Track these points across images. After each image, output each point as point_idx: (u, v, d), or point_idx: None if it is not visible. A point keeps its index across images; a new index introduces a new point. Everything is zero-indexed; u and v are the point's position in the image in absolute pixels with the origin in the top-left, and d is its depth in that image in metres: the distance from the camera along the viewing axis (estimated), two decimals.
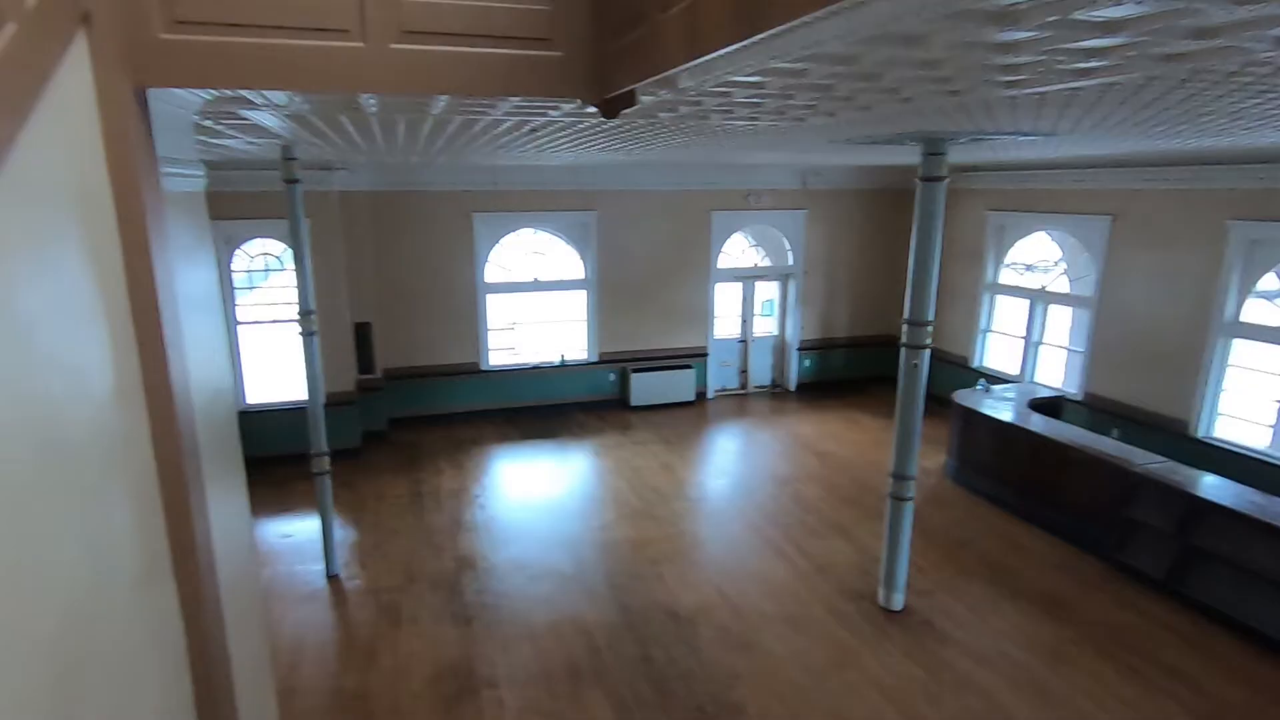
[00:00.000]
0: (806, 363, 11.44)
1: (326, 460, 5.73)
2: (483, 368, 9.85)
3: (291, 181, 5.06)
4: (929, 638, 5.22)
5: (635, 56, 1.60)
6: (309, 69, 1.48)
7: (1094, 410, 8.30)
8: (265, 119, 2.46)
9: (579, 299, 10.23)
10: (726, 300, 11.02)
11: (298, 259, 5.33)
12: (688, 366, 10.54)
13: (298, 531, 6.75)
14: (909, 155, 5.23)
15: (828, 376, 11.53)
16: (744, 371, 11.34)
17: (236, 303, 8.26)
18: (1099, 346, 8.31)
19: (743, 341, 11.26)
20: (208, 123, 2.58)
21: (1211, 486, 5.77)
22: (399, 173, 8.75)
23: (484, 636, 5.14)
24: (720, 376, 11.16)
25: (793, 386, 11.39)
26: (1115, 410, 8.11)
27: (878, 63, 2.00)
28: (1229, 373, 7.17)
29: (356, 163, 6.98)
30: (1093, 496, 6.37)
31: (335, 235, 8.25)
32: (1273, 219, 6.65)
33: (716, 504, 7.57)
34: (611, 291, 10.20)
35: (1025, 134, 4.42)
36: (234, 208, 7.67)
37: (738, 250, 10.95)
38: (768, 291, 11.30)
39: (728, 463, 8.85)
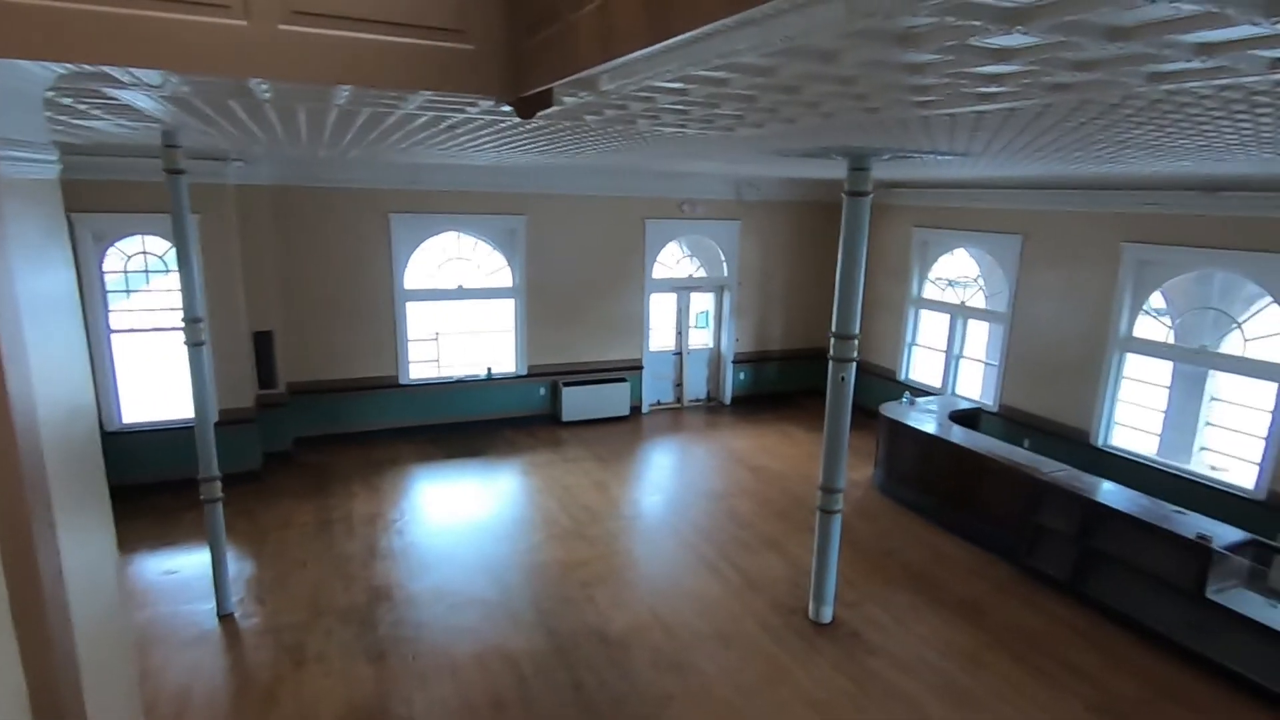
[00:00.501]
0: (741, 376, 11.58)
1: (218, 485, 5.31)
2: (402, 382, 9.49)
3: (175, 172, 4.66)
4: (857, 649, 5.32)
5: (550, 55, 1.54)
6: (182, 46, 1.34)
7: (1008, 421, 8.73)
8: (139, 100, 2.26)
9: (507, 308, 10.02)
10: (662, 311, 11.04)
11: (182, 259, 4.90)
12: (622, 380, 10.48)
13: (184, 566, 6.24)
14: (838, 169, 5.36)
15: (762, 389, 11.70)
16: (679, 385, 11.38)
17: (109, 308, 7.47)
18: (1012, 360, 8.76)
19: (678, 354, 11.30)
20: (67, 101, 2.35)
21: (1108, 492, 6.17)
22: (306, 166, 8.29)
23: (400, 672, 4.88)
24: (655, 390, 11.15)
25: (728, 400, 11.50)
26: (1027, 421, 8.55)
27: (796, 76, 2.03)
28: (1123, 385, 7.69)
29: (255, 154, 6.59)
30: (1006, 504, 6.68)
31: (230, 234, 7.70)
32: (1159, 242, 7.19)
33: (650, 521, 7.51)
34: (542, 301, 10.04)
35: (943, 153, 4.63)
36: (106, 199, 7.02)
37: (673, 260, 11.00)
38: (703, 303, 11.39)
39: (662, 479, 8.82)
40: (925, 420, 7.87)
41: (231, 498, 7.25)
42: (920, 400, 8.62)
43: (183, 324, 4.98)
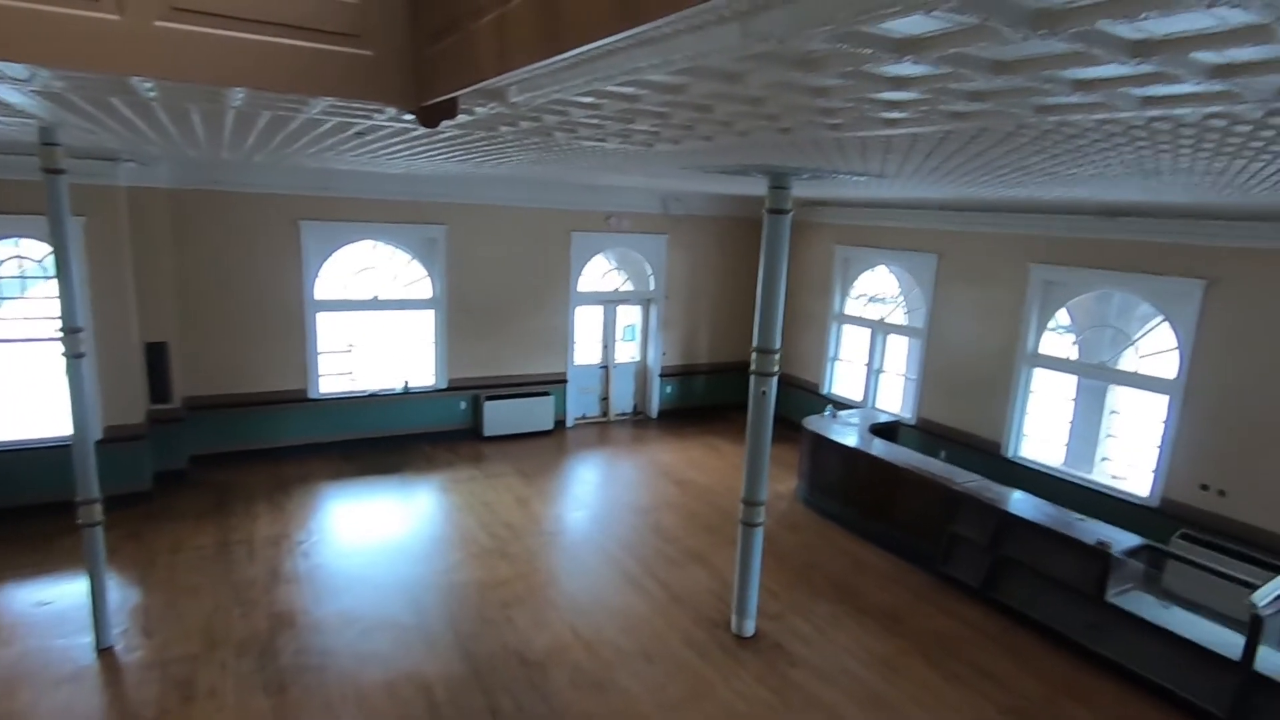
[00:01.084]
0: (668, 389, 11.70)
1: (98, 508, 4.95)
2: (312, 395, 9.16)
3: (54, 171, 4.38)
4: (779, 660, 5.44)
5: (451, 64, 1.55)
6: (47, 39, 1.28)
7: (926, 433, 9.15)
8: (8, 94, 2.13)
9: (426, 320, 9.83)
10: (588, 324, 11.06)
11: (61, 266, 4.58)
12: (546, 394, 10.42)
13: (61, 597, 5.81)
14: (761, 187, 5.54)
15: (689, 403, 11.85)
16: (605, 398, 11.40)
17: None
18: (929, 374, 9.20)
19: (604, 368, 11.33)
20: None
21: (1017, 502, 6.57)
22: (208, 169, 7.94)
23: (302, 705, 4.69)
24: (581, 404, 11.14)
25: (654, 414, 11.59)
26: (943, 433, 8.98)
27: (706, 95, 2.10)
28: (1032, 399, 8.20)
29: (151, 154, 6.27)
30: (922, 514, 7.00)
31: (120, 239, 7.27)
32: (1063, 264, 7.73)
33: (574, 538, 7.48)
34: (464, 312, 9.90)
35: (859, 174, 4.85)
36: None
37: (599, 273, 11.05)
38: (630, 316, 11.47)
39: (587, 494, 8.80)
40: (846, 433, 8.16)
41: (117, 521, 6.85)
42: (842, 413, 8.93)
43: (60, 334, 4.67)
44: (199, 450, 8.52)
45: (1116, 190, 4.90)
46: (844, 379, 10.75)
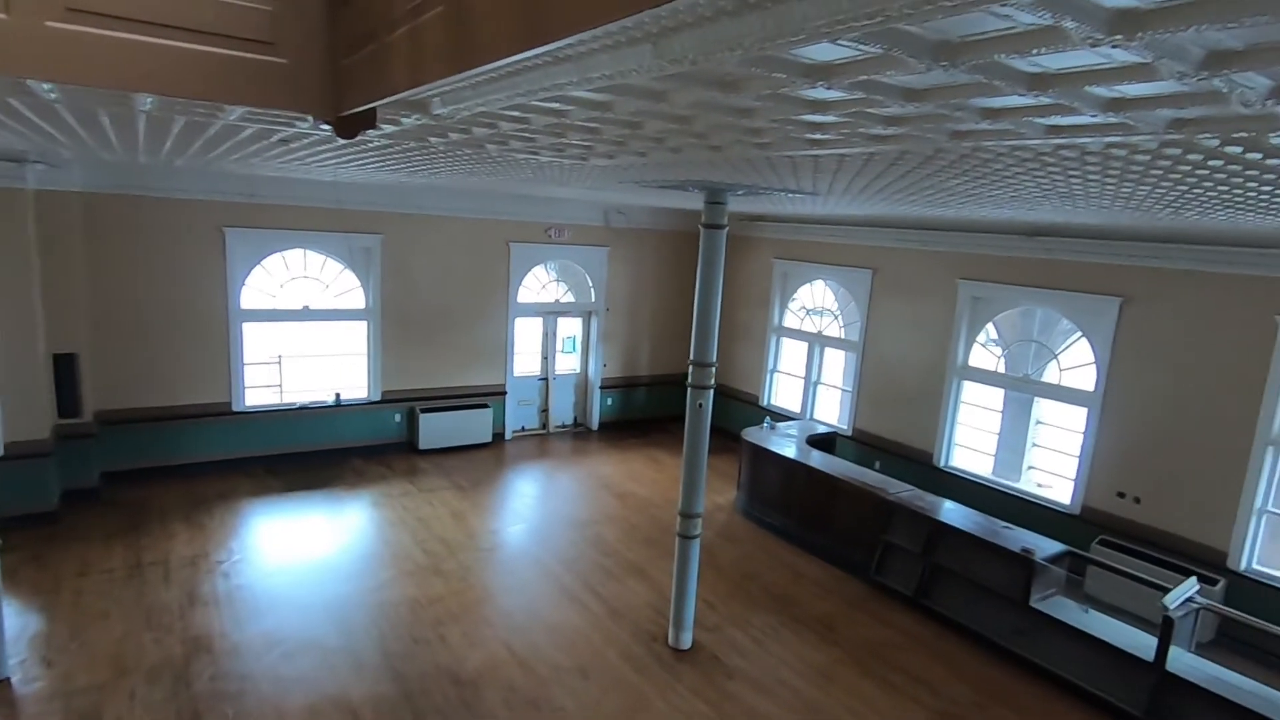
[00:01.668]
0: (609, 401, 11.72)
1: None
2: (236, 409, 8.84)
3: None
4: (716, 673, 5.50)
5: (368, 75, 1.55)
6: None
7: (861, 444, 9.41)
8: None
9: (359, 331, 9.63)
10: (527, 336, 11.00)
11: None
12: (484, 406, 10.31)
13: None
14: (699, 201, 5.63)
15: (630, 415, 11.89)
16: (545, 410, 11.34)
17: None
18: (865, 386, 9.48)
19: (544, 379, 11.27)
20: None
21: (947, 511, 6.83)
22: (125, 173, 7.61)
23: None
24: (520, 416, 11.05)
25: (595, 425, 11.59)
26: (878, 444, 9.26)
27: (632, 112, 2.14)
28: (962, 410, 8.53)
29: (62, 157, 5.99)
30: (858, 524, 7.19)
31: (25, 244, 6.89)
32: (988, 280, 8.09)
33: (511, 552, 7.41)
34: (399, 324, 9.72)
35: (793, 191, 4.99)
36: None
37: (539, 284, 11.02)
38: (570, 328, 11.46)
39: (526, 507, 8.73)
40: (785, 444, 8.32)
41: (18, 543, 6.48)
42: (780, 425, 9.11)
43: None
44: (112, 467, 8.11)
45: (1036, 211, 5.17)
46: (783, 391, 10.97)
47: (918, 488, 7.36)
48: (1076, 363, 7.69)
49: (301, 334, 9.38)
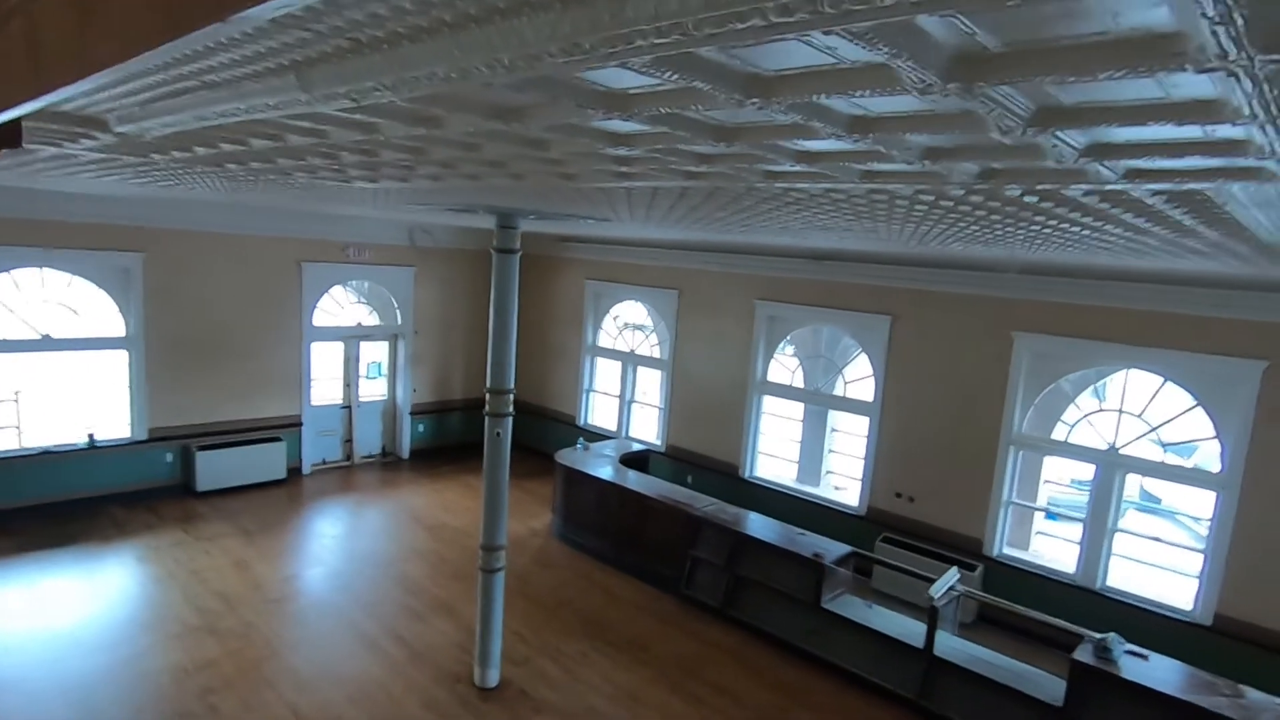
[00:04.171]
0: (420, 428, 11.22)
1: None
2: None
3: None
4: (523, 708, 5.38)
5: None
6: None
7: (675, 460, 9.73)
8: None
9: (119, 361, 8.49)
10: (327, 361, 10.27)
11: None
12: (276, 439, 9.46)
13: None
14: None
15: (445, 441, 11.46)
16: (349, 441, 10.63)
17: None
18: (675, 403, 9.83)
19: (346, 407, 10.57)
20: None
21: (748, 522, 7.19)
22: None
23: None
24: (319, 448, 10.27)
25: (406, 454, 11.05)
26: (690, 459, 9.62)
27: (409, 137, 1.97)
28: (765, 422, 9.08)
29: None
30: (668, 540, 7.39)
31: None
32: (781, 300, 8.70)
33: (305, 602, 6.83)
34: (168, 353, 8.67)
35: (596, 218, 5.05)
36: None
37: (338, 307, 10.33)
38: (376, 352, 10.86)
39: (324, 549, 8.09)
40: (599, 465, 8.39)
41: None
42: (595, 445, 9.18)
43: None
44: None
45: (830, 240, 5.57)
46: (600, 410, 11.10)
47: (724, 501, 7.70)
48: (859, 375, 8.46)
49: (44, 367, 8.12)
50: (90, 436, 8.32)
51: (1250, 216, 2.22)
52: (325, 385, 10.30)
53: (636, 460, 8.91)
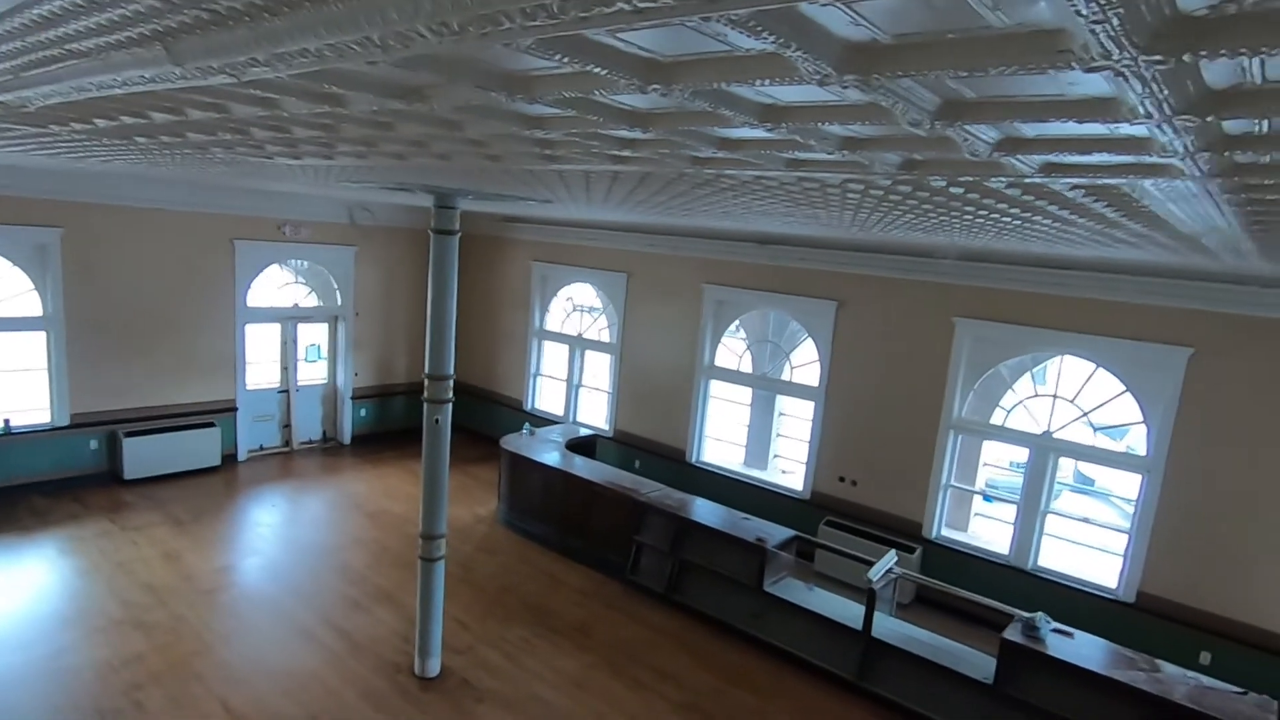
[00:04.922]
0: (363, 412, 10.99)
1: None
2: None
3: None
4: (465, 698, 5.33)
5: None
6: None
7: (622, 445, 9.73)
8: None
9: (35, 343, 8.07)
10: (263, 344, 9.94)
11: None
12: (210, 424, 9.15)
13: None
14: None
15: (388, 426, 11.24)
16: (287, 426, 10.35)
17: None
18: (623, 387, 9.81)
19: (284, 392, 10.27)
20: None
21: (692, 507, 7.22)
22: None
23: None
24: (256, 433, 9.97)
25: (347, 439, 10.81)
26: (637, 444, 9.62)
27: (316, 114, 1.87)
28: (711, 406, 9.12)
29: None
30: (613, 525, 7.40)
31: None
32: (728, 284, 8.74)
33: (239, 593, 6.64)
34: (92, 334, 8.28)
35: (535, 199, 4.95)
36: None
37: (275, 287, 9.99)
38: (315, 334, 10.55)
39: (260, 539, 7.87)
40: (545, 450, 8.33)
41: None
42: (542, 430, 9.11)
43: None
44: None
45: (774, 224, 5.59)
46: (547, 394, 11.01)
47: (670, 486, 7.72)
48: (806, 360, 8.55)
49: None
50: (5, 422, 7.92)
51: (1166, 210, 2.28)
52: (262, 368, 9.98)
53: (583, 445, 8.88)
